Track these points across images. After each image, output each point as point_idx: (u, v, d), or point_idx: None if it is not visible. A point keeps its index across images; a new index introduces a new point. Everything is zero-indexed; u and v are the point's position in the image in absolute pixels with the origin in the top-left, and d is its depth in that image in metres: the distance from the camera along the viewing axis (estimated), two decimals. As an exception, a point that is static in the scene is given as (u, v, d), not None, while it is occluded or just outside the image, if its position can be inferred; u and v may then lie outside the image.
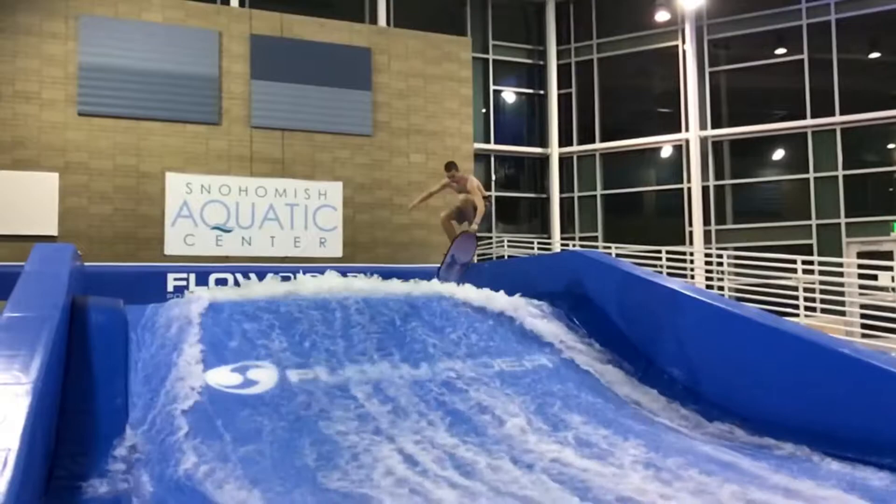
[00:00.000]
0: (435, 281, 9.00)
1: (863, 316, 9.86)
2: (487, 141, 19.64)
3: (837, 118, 17.17)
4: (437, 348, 7.30)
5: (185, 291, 8.00)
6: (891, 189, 17.38)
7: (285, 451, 5.22)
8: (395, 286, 8.43)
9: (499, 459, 5.39)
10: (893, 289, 9.26)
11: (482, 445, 5.67)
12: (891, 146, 17.38)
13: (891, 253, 15.61)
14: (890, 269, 10.51)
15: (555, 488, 4.75)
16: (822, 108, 17.42)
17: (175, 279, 13.21)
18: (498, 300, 8.43)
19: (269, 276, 8.91)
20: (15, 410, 3.46)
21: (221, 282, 13.15)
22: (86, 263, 9.82)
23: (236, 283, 12.88)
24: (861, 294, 10.83)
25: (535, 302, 8.59)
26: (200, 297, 7.40)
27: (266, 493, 4.44)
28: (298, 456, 5.19)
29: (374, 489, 4.65)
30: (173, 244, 15.14)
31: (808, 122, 17.50)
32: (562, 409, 6.53)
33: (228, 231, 15.67)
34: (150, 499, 4.36)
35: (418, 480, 4.84)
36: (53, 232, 14.02)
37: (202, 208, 15.48)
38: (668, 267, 13.47)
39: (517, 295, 8.63)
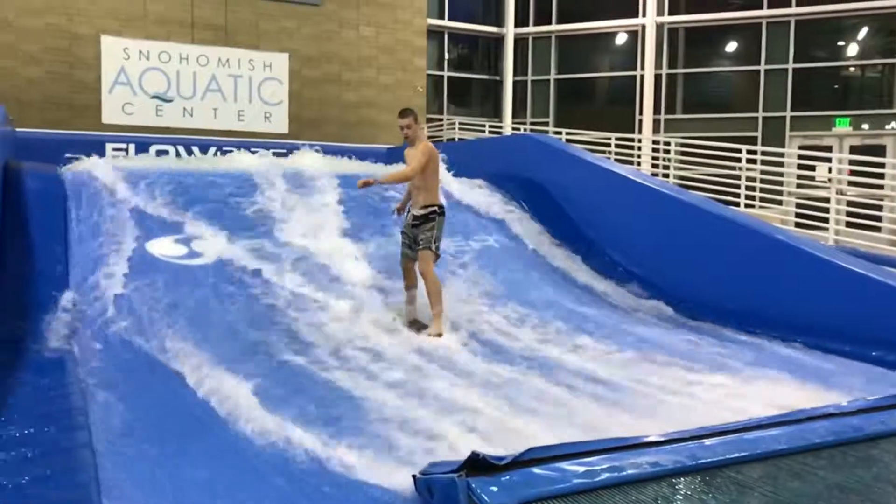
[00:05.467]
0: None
1: (798, 206, 10.18)
2: (441, 17, 18.98)
3: (793, 9, 17.07)
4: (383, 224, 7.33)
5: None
6: (836, 86, 17.60)
7: (225, 317, 5.26)
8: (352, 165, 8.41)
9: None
10: (830, 179, 9.53)
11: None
12: (841, 42, 17.45)
13: (830, 148, 15.99)
14: (828, 161, 10.79)
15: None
16: (779, -1, 17.31)
17: (114, 149, 12.78)
18: (447, 181, 8.44)
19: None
20: (-51, 270, 3.36)
21: (162, 153, 12.78)
22: (17, 129, 9.37)
23: (177, 156, 12.55)
24: (799, 186, 11.15)
25: (483, 183, 8.61)
26: (141, 166, 7.20)
27: (206, 353, 4.49)
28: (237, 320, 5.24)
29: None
30: (111, 113, 14.47)
31: (764, 12, 17.36)
32: (503, 286, 6.69)
33: (169, 101, 15.02)
34: (93, 360, 4.37)
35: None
36: (-20, 94, 13.23)
37: (141, 76, 14.73)
38: (617, 154, 13.55)
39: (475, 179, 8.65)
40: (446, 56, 19.41)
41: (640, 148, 14.67)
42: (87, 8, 14.14)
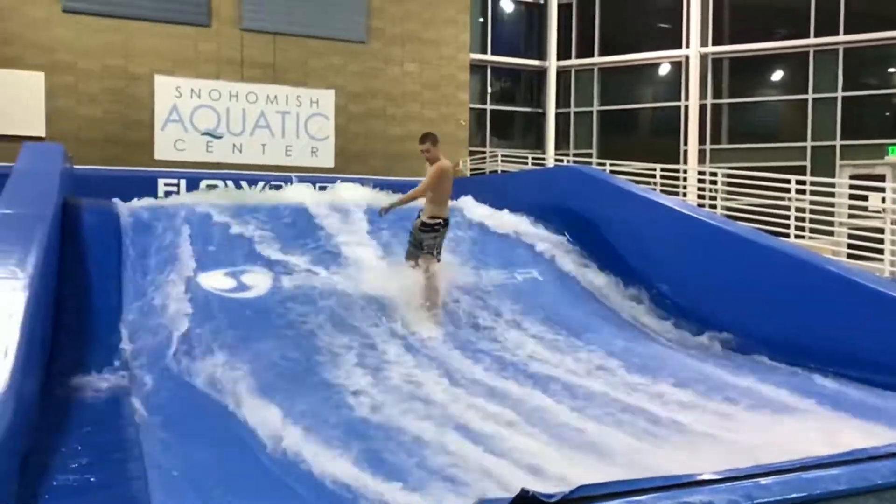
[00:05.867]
0: None
1: (850, 237, 9.95)
2: (484, 52, 19.20)
3: (841, 38, 16.85)
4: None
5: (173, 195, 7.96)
6: (888, 113, 17.23)
7: (278, 351, 5.32)
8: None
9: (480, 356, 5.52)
10: (884, 209, 9.30)
11: (460, 343, 5.80)
12: (891, 69, 17.13)
13: (883, 177, 15.60)
14: (881, 190, 10.52)
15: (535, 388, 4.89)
16: (827, 27, 17.06)
17: (166, 184, 13.12)
18: (488, 214, 8.48)
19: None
20: (12, 304, 3.48)
21: (212, 188, 13.08)
22: (75, 166, 9.71)
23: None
24: (850, 216, 10.91)
25: (528, 216, 8.61)
26: (192, 201, 7.39)
27: (258, 388, 4.53)
28: (290, 354, 5.29)
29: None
30: (163, 149, 14.94)
31: (811, 41, 17.17)
32: (548, 320, 6.63)
33: (219, 137, 15.44)
34: (146, 393, 4.45)
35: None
36: (41, 133, 13.77)
37: (192, 113, 15.20)
38: (662, 185, 13.44)
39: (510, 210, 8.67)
40: (489, 89, 19.58)
41: (685, 179, 14.52)
42: (143, 49, 14.70)
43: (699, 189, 13.95)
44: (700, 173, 14.51)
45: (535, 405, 4.60)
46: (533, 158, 17.27)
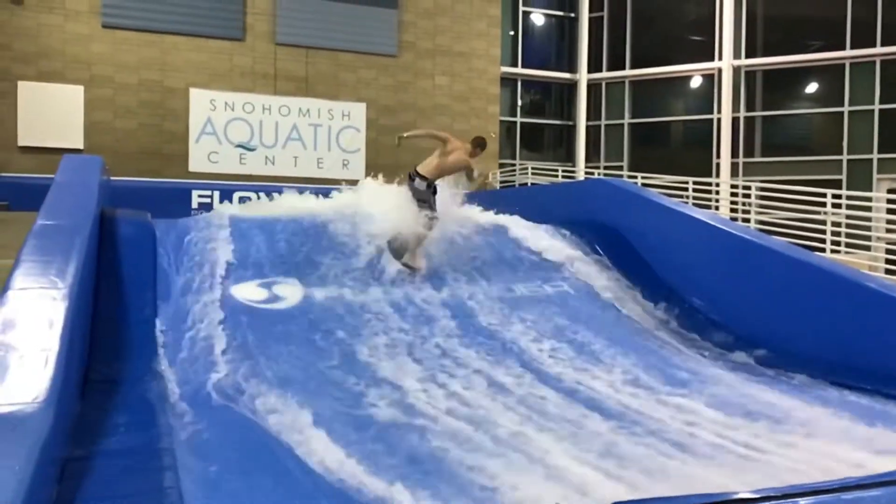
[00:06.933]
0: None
1: (888, 252, 9.75)
2: (514, 65, 19.21)
3: (878, 49, 16.58)
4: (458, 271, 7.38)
5: (213, 208, 8.10)
6: (928, 125, 16.91)
7: (310, 364, 5.35)
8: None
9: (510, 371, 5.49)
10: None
11: (492, 356, 5.78)
12: (932, 81, 16.83)
13: (923, 191, 15.32)
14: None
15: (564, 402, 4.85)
16: (863, 39, 16.81)
17: (199, 196, 13.35)
18: (520, 227, 8.46)
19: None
20: (53, 313, 3.56)
21: (244, 200, 13.25)
22: (112, 178, 9.90)
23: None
24: (888, 231, 10.69)
25: (559, 229, 8.58)
26: (225, 214, 7.49)
27: (292, 400, 4.55)
28: (322, 367, 5.32)
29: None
30: (197, 161, 15.17)
31: (847, 52, 16.91)
32: (580, 334, 6.59)
33: (252, 150, 15.64)
34: (179, 403, 4.50)
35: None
36: (80, 145, 14.06)
37: (226, 126, 15.42)
38: (694, 198, 13.29)
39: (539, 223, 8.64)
40: (519, 102, 19.59)
41: (717, 192, 14.35)
42: (179, 63, 14.96)
43: (732, 203, 13.78)
44: (733, 186, 14.34)
45: (553, 413, 4.57)
46: (563, 171, 17.21)
